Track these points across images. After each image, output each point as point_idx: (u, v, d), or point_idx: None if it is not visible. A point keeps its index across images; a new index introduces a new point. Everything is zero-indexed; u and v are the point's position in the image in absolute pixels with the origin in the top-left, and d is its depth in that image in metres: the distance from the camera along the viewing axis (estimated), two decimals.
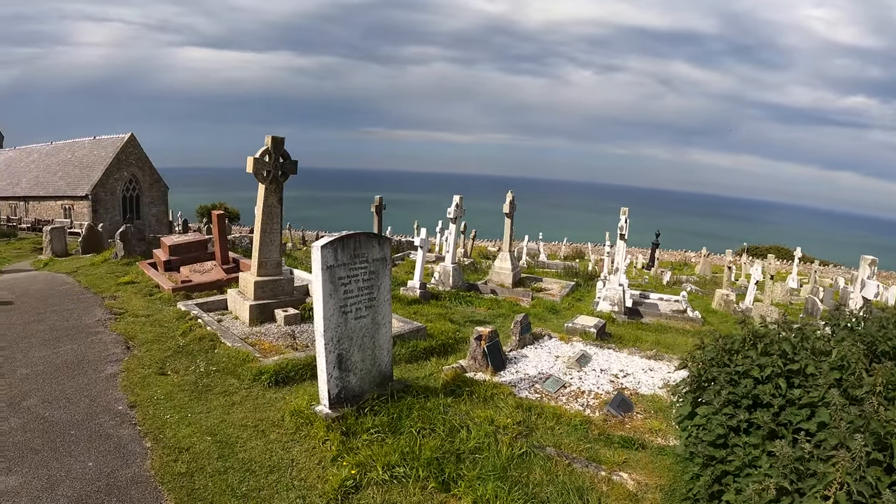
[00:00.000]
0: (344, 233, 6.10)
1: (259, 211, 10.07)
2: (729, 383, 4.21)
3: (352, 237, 6.06)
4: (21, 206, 46.11)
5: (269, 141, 9.91)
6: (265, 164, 9.83)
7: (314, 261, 5.77)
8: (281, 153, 10.09)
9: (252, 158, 9.64)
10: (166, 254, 13.81)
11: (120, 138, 43.35)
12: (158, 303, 11.15)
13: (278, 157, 10.04)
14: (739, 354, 4.39)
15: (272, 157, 9.91)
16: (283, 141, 10.09)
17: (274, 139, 9.94)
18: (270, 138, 9.91)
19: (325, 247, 5.72)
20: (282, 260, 10.87)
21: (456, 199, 16.38)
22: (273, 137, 9.93)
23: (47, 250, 21.43)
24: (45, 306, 10.95)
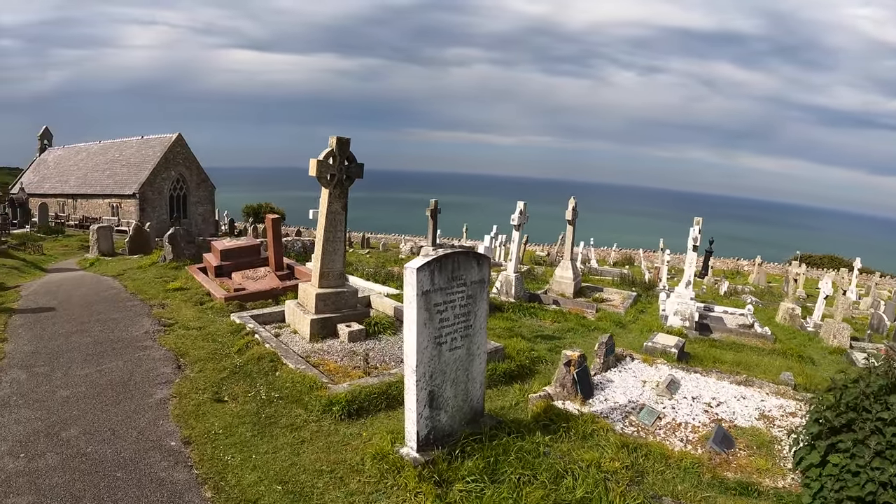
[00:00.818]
0: (440, 251, 5.12)
1: (322, 218, 9.18)
2: (875, 432, 3.55)
3: (450, 257, 5.08)
4: (69, 203, 46.38)
5: (333, 142, 8.99)
6: (329, 167, 8.93)
7: (407, 285, 4.82)
8: (346, 155, 9.17)
9: (315, 161, 8.73)
10: (218, 259, 13.04)
11: (167, 138, 43.24)
12: (210, 313, 10.32)
13: (343, 159, 9.12)
14: (876, 400, 3.77)
15: (337, 160, 9.00)
16: (348, 142, 9.17)
17: (339, 140, 9.03)
18: (335, 139, 9.00)
19: (420, 269, 4.74)
20: (345, 270, 9.98)
21: (520, 205, 15.50)
22: (338, 138, 9.02)
23: (94, 249, 21.10)
24: (88, 314, 10.19)
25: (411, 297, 4.78)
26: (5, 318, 9.88)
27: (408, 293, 4.83)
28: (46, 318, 9.98)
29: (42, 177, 51.55)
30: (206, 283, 12.05)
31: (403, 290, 4.97)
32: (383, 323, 9.72)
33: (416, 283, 4.72)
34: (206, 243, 15.03)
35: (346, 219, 9.50)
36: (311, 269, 13.99)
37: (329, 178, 8.95)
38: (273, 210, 63.33)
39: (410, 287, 4.76)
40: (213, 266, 12.81)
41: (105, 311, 10.42)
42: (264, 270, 12.79)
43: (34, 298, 11.55)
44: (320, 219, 9.19)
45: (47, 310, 10.51)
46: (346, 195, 9.33)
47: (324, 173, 8.85)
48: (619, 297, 16.57)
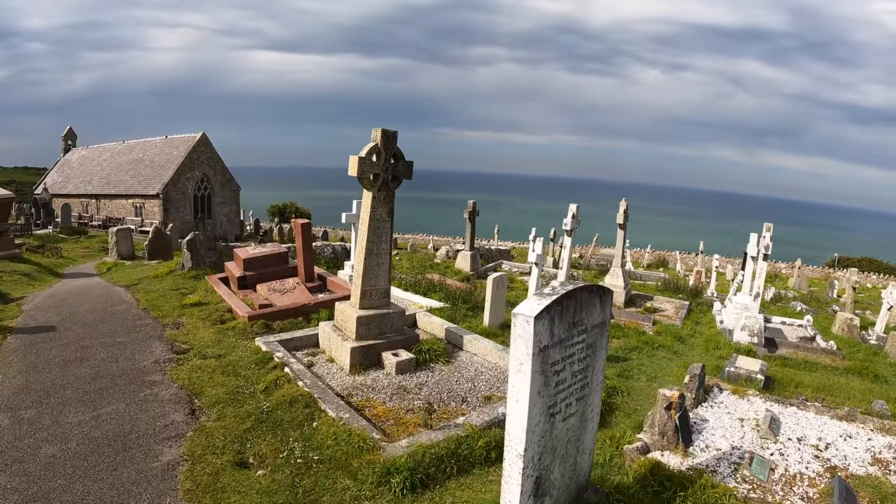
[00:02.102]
0: (559, 289, 3.58)
1: (363, 226, 7.72)
2: None
3: (571, 297, 3.55)
4: (93, 203, 45.78)
5: (377, 135, 7.52)
6: (372, 166, 7.47)
7: (518, 340, 3.32)
8: (393, 152, 7.72)
9: (357, 158, 7.28)
10: (240, 268, 11.63)
11: (192, 137, 42.32)
12: (231, 335, 8.89)
13: (389, 156, 7.66)
14: None
15: (381, 157, 7.54)
16: (395, 137, 7.71)
17: (385, 134, 7.56)
18: (380, 132, 7.52)
19: (539, 318, 3.24)
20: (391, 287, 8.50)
21: (572, 208, 14.23)
22: (383, 131, 7.54)
23: (113, 252, 20.09)
24: (92, 335, 8.81)
25: (524, 356, 3.29)
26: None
27: (519, 351, 3.32)
28: (45, 340, 8.62)
29: (66, 177, 51.06)
30: (228, 296, 10.63)
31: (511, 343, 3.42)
32: (435, 349, 8.28)
33: (533, 336, 3.23)
34: (229, 250, 13.66)
35: (392, 227, 8.04)
36: (344, 278, 12.59)
37: (372, 178, 7.51)
38: (298, 210, 62.24)
39: (524, 343, 3.27)
40: (236, 277, 11.41)
41: (111, 331, 9.02)
42: (293, 282, 11.37)
43: (36, 314, 10.22)
44: (361, 227, 7.75)
45: (47, 329, 9.16)
46: (392, 199, 7.88)
47: (366, 173, 7.40)
48: (671, 306, 15.39)
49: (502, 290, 11.02)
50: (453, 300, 12.46)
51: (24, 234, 30.68)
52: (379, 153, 7.51)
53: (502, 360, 8.19)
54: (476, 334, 9.21)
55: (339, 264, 15.40)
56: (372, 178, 7.51)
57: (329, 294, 11.59)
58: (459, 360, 8.43)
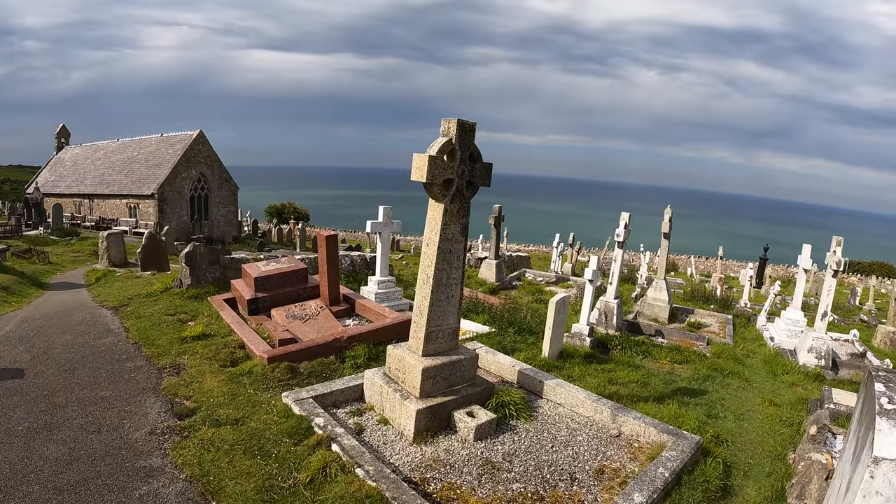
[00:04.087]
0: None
1: (430, 248, 5.82)
2: None
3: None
4: (86, 203, 43.89)
5: (451, 128, 5.60)
6: (445, 168, 5.56)
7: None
8: (470, 150, 5.81)
9: (426, 158, 5.37)
10: (251, 289, 9.69)
11: (188, 135, 40.38)
12: (248, 382, 6.95)
13: (466, 156, 5.76)
14: None
15: (456, 157, 5.64)
16: (473, 131, 5.79)
17: (461, 126, 5.61)
18: (455, 124, 5.58)
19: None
20: (459, 324, 6.57)
21: (624, 217, 12.51)
22: (460, 123, 5.59)
23: (104, 258, 18.35)
24: (69, 387, 6.81)
25: None
26: None
27: None
28: (7, 392, 6.65)
29: (58, 176, 49.13)
30: (238, 326, 8.67)
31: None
32: (513, 401, 6.47)
33: None
34: (236, 264, 11.69)
35: (466, 247, 6.13)
36: (370, 297, 10.73)
37: (444, 185, 5.58)
38: (297, 211, 60.37)
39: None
40: (246, 299, 9.46)
41: (94, 380, 7.02)
42: (315, 306, 9.44)
43: (3, 348, 8.19)
44: (426, 249, 5.83)
45: (13, 374, 7.19)
46: (467, 213, 5.97)
47: (437, 177, 5.47)
48: (714, 321, 14.33)
49: (563, 314, 9.29)
50: (498, 322, 10.61)
51: (14, 236, 29.26)
52: (453, 152, 5.59)
53: (598, 412, 6.51)
54: (558, 378, 7.40)
55: (360, 278, 13.45)
56: (443, 186, 5.61)
57: (359, 321, 9.68)
58: (543, 413, 6.70)
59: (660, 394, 7.76)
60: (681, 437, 5.90)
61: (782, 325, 12.43)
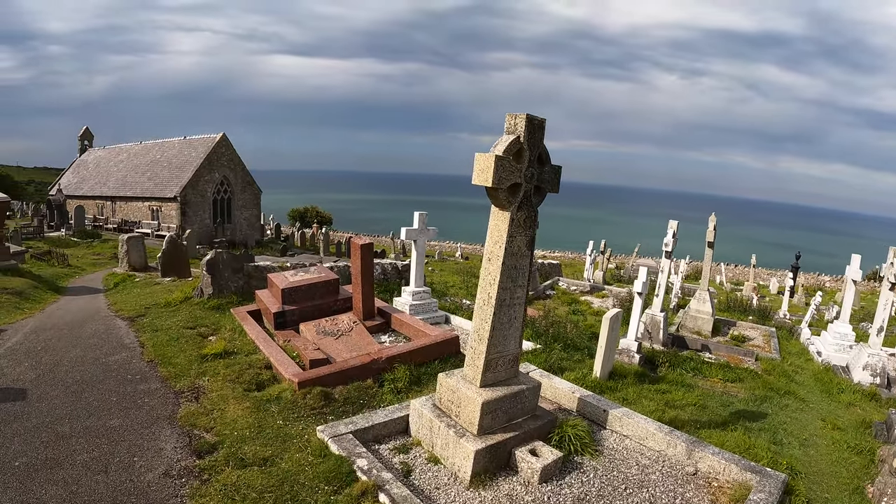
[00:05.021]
0: None
1: (494, 264, 4.99)
2: None
3: None
4: (108, 205, 43.68)
5: (518, 124, 4.75)
6: (513, 171, 4.71)
7: None
8: (539, 150, 4.96)
9: (492, 158, 4.52)
10: (278, 301, 8.88)
11: (211, 138, 39.90)
12: (276, 411, 6.13)
13: (534, 157, 4.92)
14: None
15: (524, 158, 4.79)
16: (542, 128, 4.93)
17: (530, 122, 4.75)
18: (524, 120, 4.72)
19: None
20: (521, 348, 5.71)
21: (672, 226, 11.83)
22: (529, 119, 4.72)
23: (123, 262, 17.82)
24: (75, 413, 6.02)
25: None
26: None
27: None
28: (7, 417, 5.89)
29: (81, 178, 49.05)
30: (264, 343, 7.86)
31: None
32: (577, 434, 5.61)
33: None
34: (260, 273, 10.91)
35: (532, 262, 5.29)
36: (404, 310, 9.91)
37: (510, 190, 4.74)
38: (320, 214, 59.77)
39: None
40: (272, 312, 8.64)
41: (102, 405, 6.23)
42: (347, 320, 8.61)
43: (6, 365, 7.46)
44: (488, 265, 5.00)
45: (15, 395, 6.43)
46: (535, 222, 5.12)
47: (504, 181, 4.62)
48: (758, 333, 13.60)
49: (616, 331, 8.46)
50: (543, 338, 9.74)
51: (36, 237, 29.21)
52: (521, 152, 4.75)
53: (670, 446, 5.70)
54: (624, 407, 6.56)
55: (391, 287, 12.62)
56: (510, 192, 4.77)
57: (396, 337, 8.85)
58: (609, 447, 5.88)
59: (720, 418, 7.11)
60: (765, 476, 5.17)
61: (830, 340, 11.66)
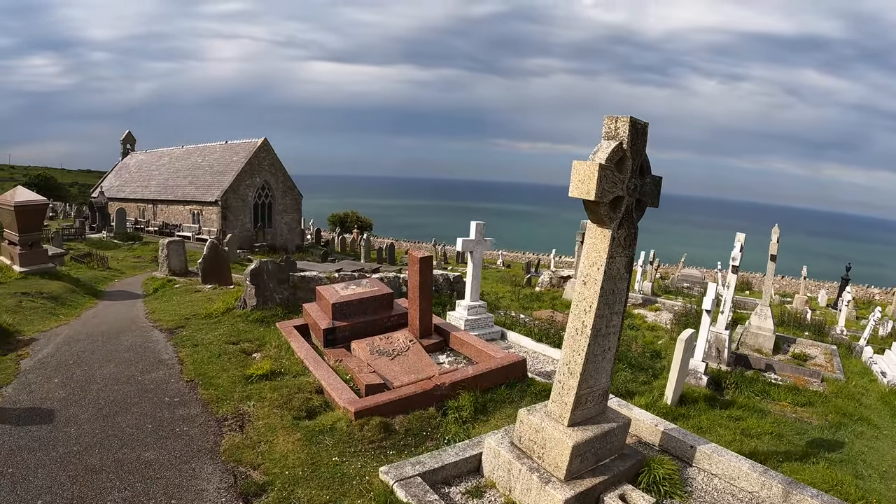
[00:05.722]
0: None
1: (592, 289, 4.22)
2: None
3: None
4: (149, 208, 43.77)
5: (621, 129, 3.97)
6: (616, 182, 3.92)
7: None
8: (641, 159, 4.17)
9: (595, 167, 3.72)
10: (328, 316, 8.15)
11: (252, 143, 39.76)
12: (330, 444, 5.38)
13: (636, 166, 4.12)
14: None
15: (627, 168, 4.00)
16: (646, 133, 4.15)
17: (634, 127, 3.95)
18: (627, 125, 3.93)
19: None
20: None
21: (740, 238, 10.98)
22: (632, 123, 3.93)
23: (163, 267, 17.35)
24: (106, 442, 5.33)
25: None
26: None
27: None
28: (33, 442, 5.24)
29: (123, 181, 49.36)
30: (314, 364, 7.12)
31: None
32: (667, 475, 4.80)
33: None
34: (307, 284, 10.21)
35: (629, 283, 4.43)
36: (459, 322, 9.15)
37: (612, 205, 3.94)
38: (360, 220, 59.37)
39: None
40: (322, 329, 7.90)
41: (137, 433, 5.54)
42: (403, 338, 7.85)
43: (36, 379, 6.83)
44: (583, 290, 4.21)
45: (42, 417, 5.78)
46: (635, 240, 4.33)
47: (607, 194, 3.82)
48: (818, 351, 12.87)
49: (690, 353, 7.82)
50: None
51: (78, 239, 29.20)
52: (623, 161, 3.95)
53: (765, 488, 4.97)
54: (712, 443, 5.76)
55: (442, 301, 11.85)
56: (610, 206, 3.97)
57: (455, 358, 8.06)
58: (698, 489, 5.17)
59: (798, 448, 6.55)
60: None
61: (895, 359, 11.03)
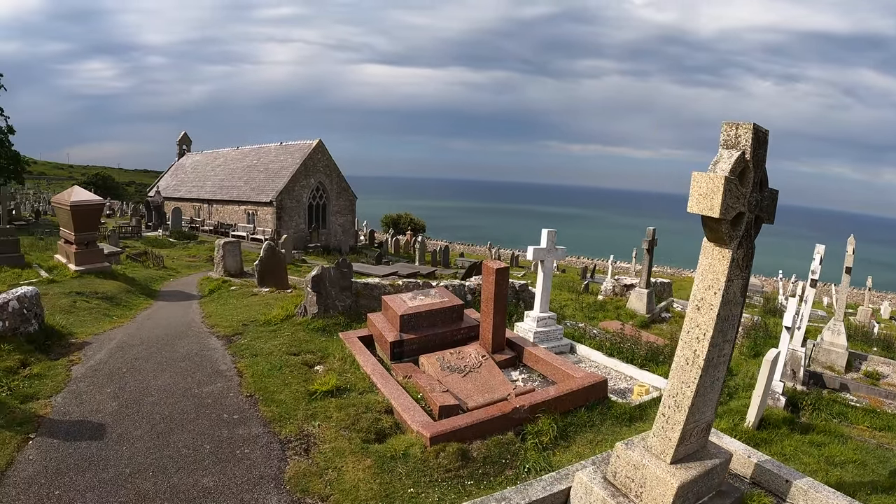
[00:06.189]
0: None
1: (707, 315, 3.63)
2: None
3: None
4: (204, 208, 44.21)
5: (743, 138, 3.32)
6: (740, 198, 3.28)
7: None
8: (762, 171, 3.52)
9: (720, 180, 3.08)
10: (394, 328, 7.59)
11: (307, 144, 39.78)
12: (404, 473, 4.81)
13: (758, 180, 3.47)
14: None
15: (749, 182, 3.35)
16: (766, 141, 3.50)
17: (756, 135, 3.30)
18: (750, 133, 3.29)
19: None
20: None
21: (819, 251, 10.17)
22: (755, 130, 3.29)
23: (219, 267, 17.11)
24: (160, 461, 4.86)
25: None
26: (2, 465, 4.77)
27: None
28: (80, 462, 4.80)
29: (179, 181, 50.07)
30: (382, 380, 6.57)
31: None
32: None
33: None
34: (370, 291, 9.69)
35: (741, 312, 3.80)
36: (528, 334, 8.51)
37: (733, 223, 3.30)
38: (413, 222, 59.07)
39: None
40: (389, 341, 7.36)
41: (194, 453, 5.05)
42: (474, 353, 7.25)
43: (87, 389, 6.41)
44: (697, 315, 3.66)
45: (91, 432, 5.35)
46: (751, 261, 3.68)
47: (730, 210, 3.18)
48: (891, 369, 11.75)
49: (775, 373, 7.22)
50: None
51: (134, 237, 29.62)
52: (745, 173, 3.31)
53: None
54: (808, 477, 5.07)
55: (507, 311, 11.17)
56: (732, 223, 3.34)
57: (529, 375, 7.44)
58: None
59: (884, 479, 5.80)
60: None
61: None
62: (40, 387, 6.42)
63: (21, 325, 7.84)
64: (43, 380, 6.64)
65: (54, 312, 9.77)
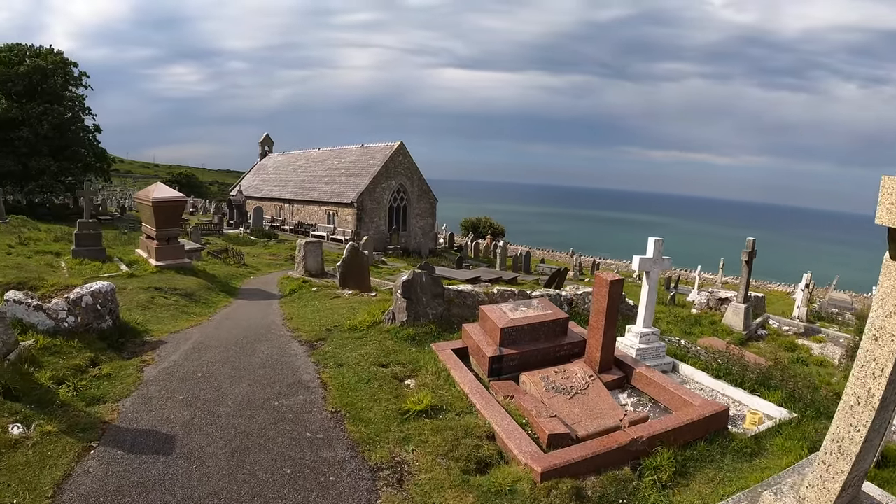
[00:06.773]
0: None
1: (888, 347, 2.65)
2: None
3: None
4: (285, 207, 44.80)
5: None
6: None
7: None
8: None
9: None
10: (493, 342, 6.84)
11: (389, 146, 39.73)
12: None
13: None
14: None
15: None
16: None
17: None
18: None
19: None
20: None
21: None
22: None
23: (300, 267, 16.89)
24: (234, 486, 4.22)
25: None
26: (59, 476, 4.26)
27: None
28: (143, 481, 4.25)
29: (261, 181, 50.93)
30: (482, 401, 5.82)
31: None
32: None
33: None
34: (463, 300, 8.98)
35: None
36: (630, 351, 7.63)
37: None
38: (493, 226, 58.42)
39: None
40: (487, 356, 6.61)
41: (272, 478, 4.41)
42: (580, 372, 6.43)
43: (157, 394, 5.89)
44: (873, 346, 2.80)
45: (160, 445, 4.80)
46: None
47: None
48: None
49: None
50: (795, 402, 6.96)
51: (216, 234, 30.39)
52: None
53: None
54: None
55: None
56: None
57: (638, 398, 6.57)
58: None
59: None
60: None
61: None
62: (109, 388, 5.97)
63: (94, 322, 7.49)
64: (112, 381, 6.19)
65: (131, 308, 9.47)
